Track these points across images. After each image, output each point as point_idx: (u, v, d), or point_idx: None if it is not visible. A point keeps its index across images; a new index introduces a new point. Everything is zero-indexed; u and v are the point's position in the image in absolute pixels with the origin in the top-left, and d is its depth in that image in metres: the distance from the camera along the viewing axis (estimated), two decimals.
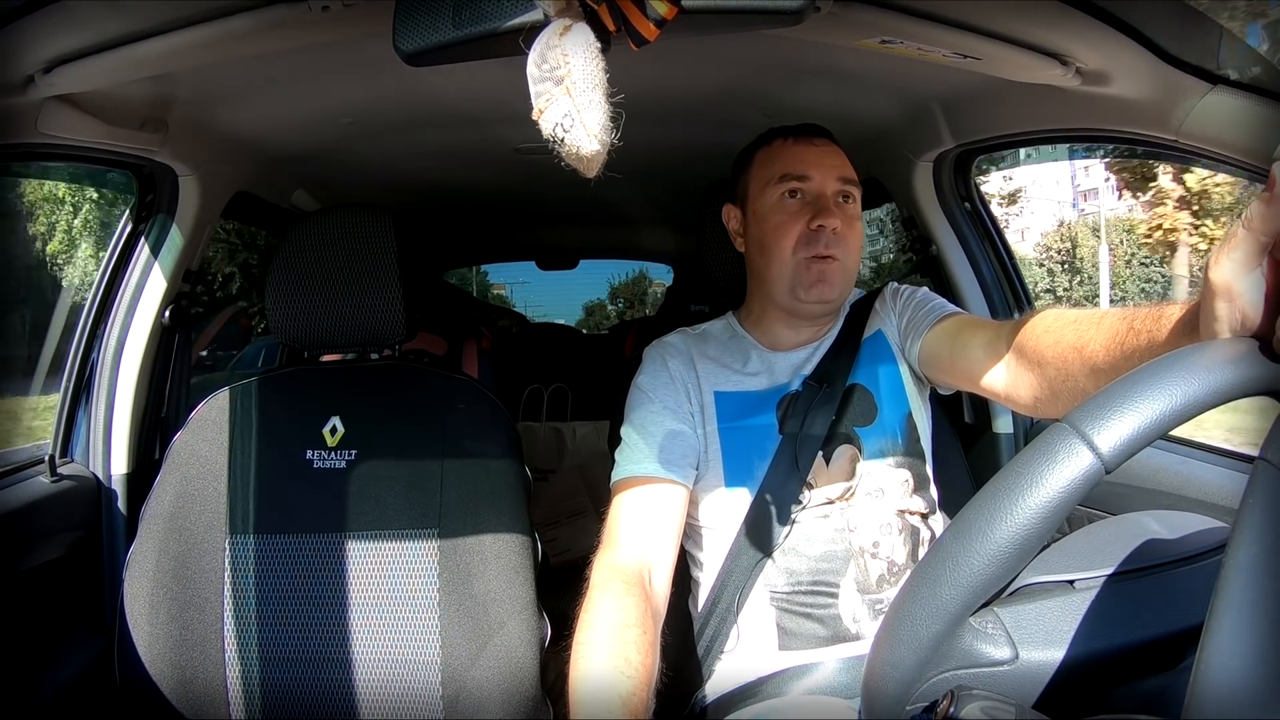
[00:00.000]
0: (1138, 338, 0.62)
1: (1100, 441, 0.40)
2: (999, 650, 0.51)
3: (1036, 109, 1.07)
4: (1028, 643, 0.51)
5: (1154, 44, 0.80)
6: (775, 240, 1.00)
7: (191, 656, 1.03)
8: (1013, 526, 0.41)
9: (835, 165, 1.02)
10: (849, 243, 1.00)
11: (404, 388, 1.15)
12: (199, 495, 1.08)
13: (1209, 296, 0.46)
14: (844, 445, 0.99)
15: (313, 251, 1.10)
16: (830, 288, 0.99)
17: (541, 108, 0.62)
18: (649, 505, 0.93)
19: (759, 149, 1.07)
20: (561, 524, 2.25)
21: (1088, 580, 0.54)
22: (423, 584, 1.05)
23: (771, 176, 1.02)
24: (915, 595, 0.45)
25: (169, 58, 0.85)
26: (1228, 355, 0.43)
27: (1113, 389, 0.42)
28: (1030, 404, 0.81)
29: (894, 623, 0.46)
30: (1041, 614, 0.52)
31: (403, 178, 1.81)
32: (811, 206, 0.99)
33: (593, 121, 0.61)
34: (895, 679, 0.45)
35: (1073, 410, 0.43)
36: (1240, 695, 0.34)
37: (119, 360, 1.25)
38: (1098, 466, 0.40)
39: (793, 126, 1.06)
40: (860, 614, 0.95)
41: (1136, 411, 0.41)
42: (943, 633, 0.44)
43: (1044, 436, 0.42)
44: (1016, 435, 1.33)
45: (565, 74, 0.61)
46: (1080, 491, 0.41)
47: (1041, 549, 0.45)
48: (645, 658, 0.77)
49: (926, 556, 0.46)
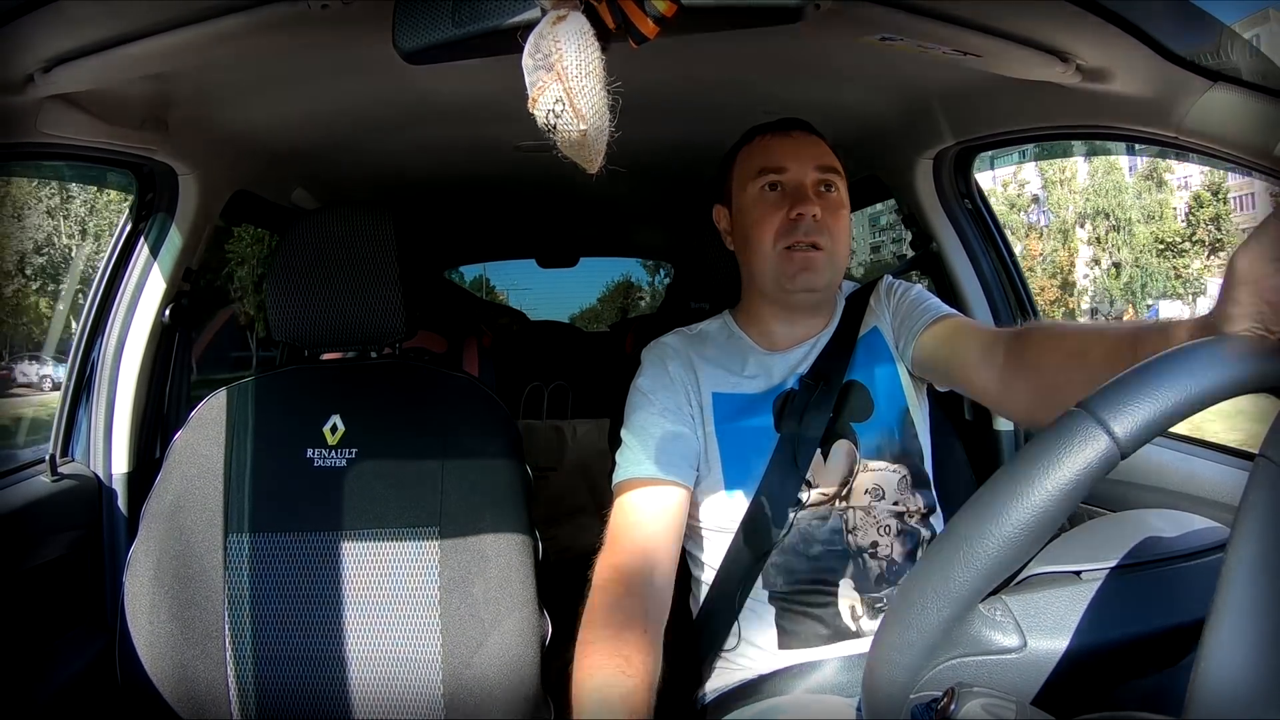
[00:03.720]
0: (1144, 345, 0.62)
1: (1117, 426, 0.40)
2: (1007, 638, 0.51)
3: (1037, 106, 1.07)
4: (1036, 631, 0.51)
5: (1154, 41, 0.80)
6: (756, 233, 1.00)
7: (192, 655, 1.04)
8: (1029, 509, 0.41)
9: (812, 155, 1.01)
10: (832, 230, 0.99)
11: (404, 386, 1.15)
12: (200, 494, 1.08)
13: (1232, 284, 0.47)
14: (841, 441, 0.99)
15: (313, 250, 1.10)
16: (815, 275, 0.99)
17: (535, 96, 0.62)
18: (649, 507, 0.93)
19: (741, 148, 1.07)
20: (562, 522, 2.25)
21: (1094, 572, 0.55)
22: (424, 583, 1.06)
23: (751, 171, 1.02)
24: (926, 578, 0.44)
25: (169, 56, 0.84)
26: (1246, 348, 0.43)
27: (1129, 376, 0.42)
28: (1024, 412, 0.81)
29: (903, 605, 0.45)
30: (1050, 603, 0.53)
31: (403, 175, 1.81)
32: (790, 197, 0.99)
33: (584, 105, 0.61)
34: (901, 664, 0.45)
35: (1089, 396, 0.42)
36: (1241, 693, 0.34)
37: (119, 359, 1.25)
38: (1114, 450, 0.40)
39: (771, 122, 1.06)
40: (860, 612, 0.95)
41: (1153, 398, 0.41)
42: (953, 617, 0.43)
43: (1061, 420, 0.42)
44: (1017, 433, 1.33)
45: (557, 59, 0.61)
46: (1097, 475, 0.40)
47: (1048, 541, 0.45)
48: (646, 658, 0.77)
49: (938, 539, 0.46)
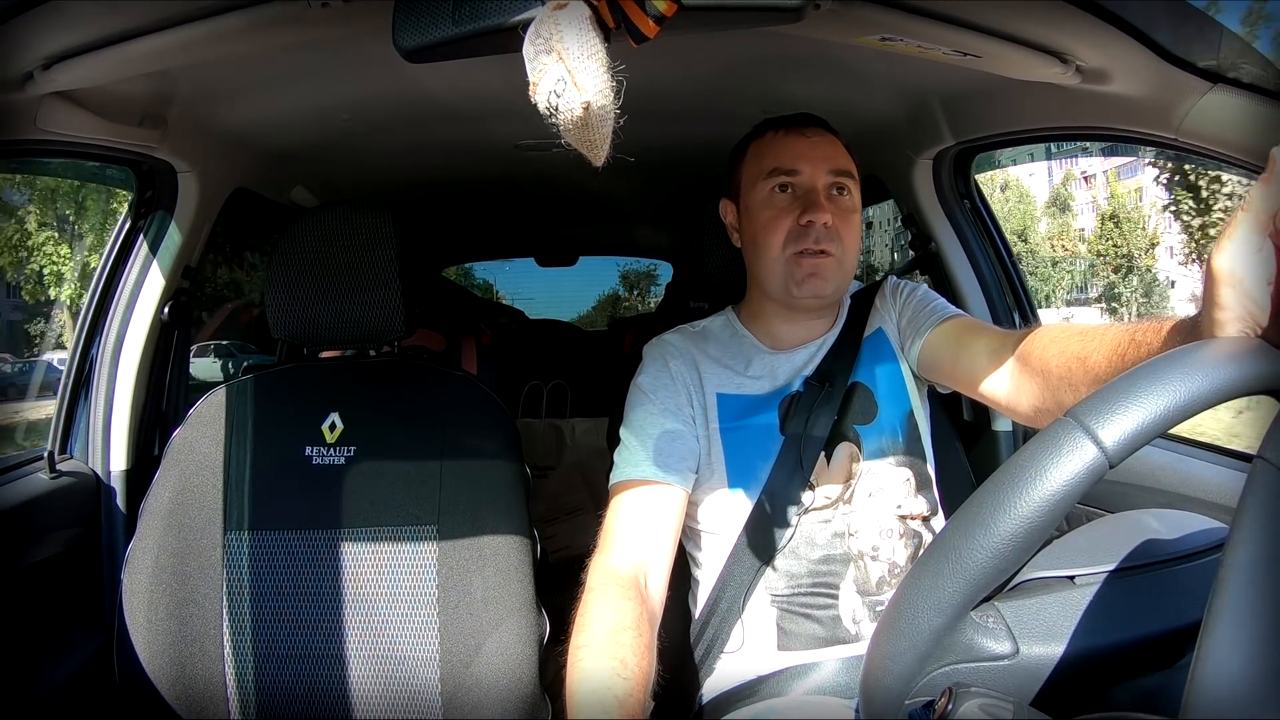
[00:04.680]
0: (1139, 349, 0.62)
1: (1104, 435, 0.40)
2: (1000, 645, 0.51)
3: (1037, 107, 1.07)
4: (1028, 637, 0.51)
5: (1154, 42, 0.80)
6: (765, 236, 0.99)
7: (190, 653, 1.04)
8: (1016, 520, 0.41)
9: (827, 157, 0.99)
10: (843, 236, 0.97)
11: (403, 384, 1.15)
12: (198, 491, 1.08)
13: (1213, 286, 0.46)
14: (844, 444, 0.99)
15: (312, 248, 1.10)
16: (823, 282, 0.97)
17: (536, 80, 0.62)
18: (646, 509, 0.93)
19: (752, 142, 1.05)
20: (560, 521, 2.25)
21: (1088, 576, 0.55)
22: (422, 581, 1.05)
23: (762, 170, 1.00)
24: (917, 588, 0.45)
25: (169, 54, 0.84)
26: (1231, 352, 0.43)
27: (1117, 384, 0.42)
28: (1031, 413, 0.81)
29: (895, 615, 0.46)
30: (1042, 609, 0.53)
31: (402, 174, 1.81)
32: (802, 201, 0.97)
33: (586, 81, 0.60)
34: (895, 672, 0.45)
35: (1077, 405, 0.42)
36: (1238, 694, 0.34)
37: (118, 356, 1.25)
38: (1102, 460, 0.40)
39: (786, 117, 1.04)
40: (860, 615, 0.94)
41: (1140, 406, 0.40)
42: (944, 626, 0.44)
43: (1048, 430, 0.42)
44: (1016, 434, 1.33)
45: (557, 41, 0.60)
46: (1084, 485, 0.41)
47: (1043, 545, 0.45)
48: (641, 660, 0.77)
49: (929, 549, 0.46)
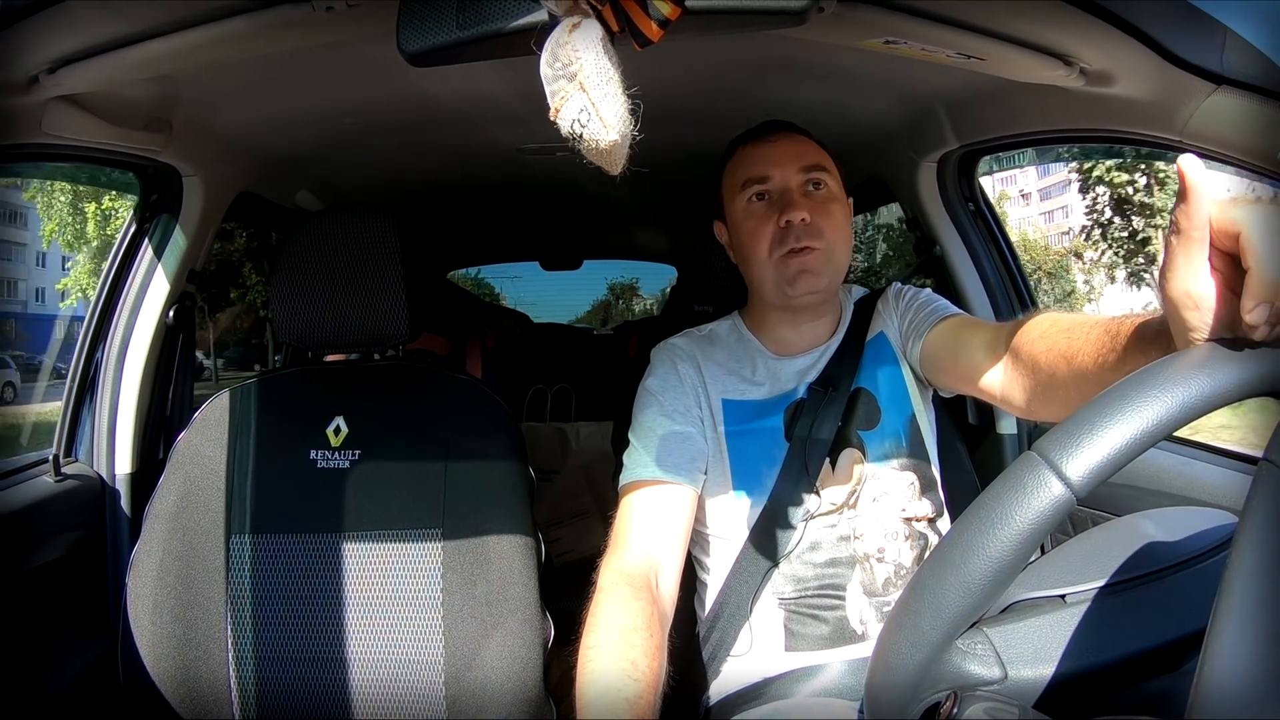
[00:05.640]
0: (1115, 352, 0.62)
1: (1070, 470, 0.41)
2: (988, 670, 0.50)
3: (1041, 109, 1.06)
4: (1016, 661, 0.51)
5: (1158, 44, 0.80)
6: (751, 245, 1.00)
7: (195, 656, 1.04)
8: (985, 561, 0.42)
9: (794, 156, 1.00)
10: (824, 229, 0.98)
11: (408, 388, 1.15)
12: (203, 495, 1.08)
13: (1175, 311, 0.46)
14: (848, 449, 0.99)
15: (316, 252, 1.10)
16: (815, 277, 0.98)
17: (558, 106, 0.62)
18: (656, 509, 0.93)
19: (726, 162, 1.07)
20: (565, 524, 2.25)
21: (1079, 594, 0.54)
22: (426, 584, 1.05)
23: (737, 184, 1.02)
24: (899, 625, 0.46)
25: (173, 58, 0.84)
26: (1192, 365, 0.42)
27: (1081, 414, 0.42)
28: (1024, 406, 0.81)
29: (884, 648, 0.46)
30: (1031, 632, 0.52)
31: (406, 178, 1.81)
32: (778, 204, 0.98)
33: (609, 113, 0.61)
34: (890, 704, 0.46)
35: (1041, 438, 0.43)
36: (1245, 697, 0.34)
37: (123, 360, 1.25)
38: (1067, 496, 0.40)
39: (750, 130, 1.05)
40: (867, 616, 0.95)
41: (1105, 437, 0.41)
42: (927, 661, 0.45)
43: (1014, 467, 0.43)
44: (1020, 436, 1.33)
45: (578, 69, 0.61)
46: (1052, 522, 0.41)
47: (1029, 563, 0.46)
48: (652, 661, 0.76)
49: (907, 588, 0.47)
